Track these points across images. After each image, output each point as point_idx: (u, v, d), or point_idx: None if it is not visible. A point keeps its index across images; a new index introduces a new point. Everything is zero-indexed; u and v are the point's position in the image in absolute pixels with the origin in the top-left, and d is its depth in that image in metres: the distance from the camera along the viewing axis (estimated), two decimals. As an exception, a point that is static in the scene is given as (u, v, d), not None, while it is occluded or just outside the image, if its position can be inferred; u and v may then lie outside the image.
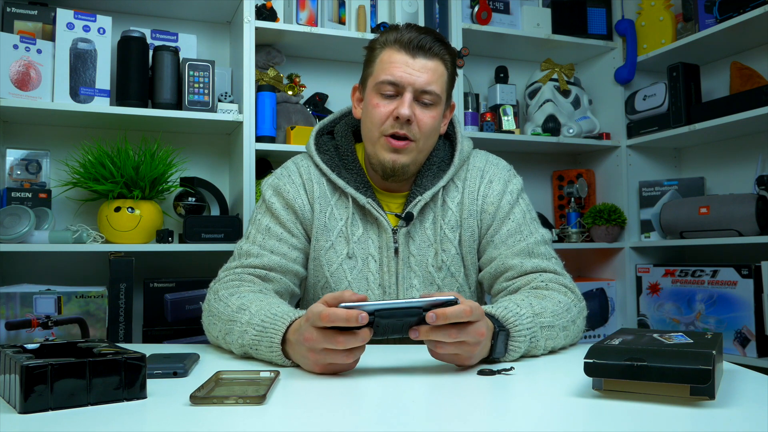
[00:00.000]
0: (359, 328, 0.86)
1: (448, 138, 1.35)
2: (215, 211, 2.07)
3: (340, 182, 1.26)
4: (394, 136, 1.20)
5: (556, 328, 1.05)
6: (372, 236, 1.26)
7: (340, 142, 1.32)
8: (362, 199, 1.25)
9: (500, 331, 0.96)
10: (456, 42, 2.23)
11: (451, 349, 0.89)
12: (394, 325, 0.88)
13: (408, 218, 1.24)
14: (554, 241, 2.41)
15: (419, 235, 1.27)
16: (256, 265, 1.21)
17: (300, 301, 1.39)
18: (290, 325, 0.96)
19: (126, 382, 0.73)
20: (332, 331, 0.86)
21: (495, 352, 0.96)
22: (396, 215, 1.28)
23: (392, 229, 1.25)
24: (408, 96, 1.19)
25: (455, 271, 1.27)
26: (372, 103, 1.22)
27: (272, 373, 0.85)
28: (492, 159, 1.35)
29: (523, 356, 1.01)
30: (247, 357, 1.04)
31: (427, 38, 1.20)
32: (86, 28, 1.85)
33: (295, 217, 1.27)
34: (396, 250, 1.25)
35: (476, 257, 1.29)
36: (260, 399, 0.72)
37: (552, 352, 1.07)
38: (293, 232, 1.26)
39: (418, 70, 1.19)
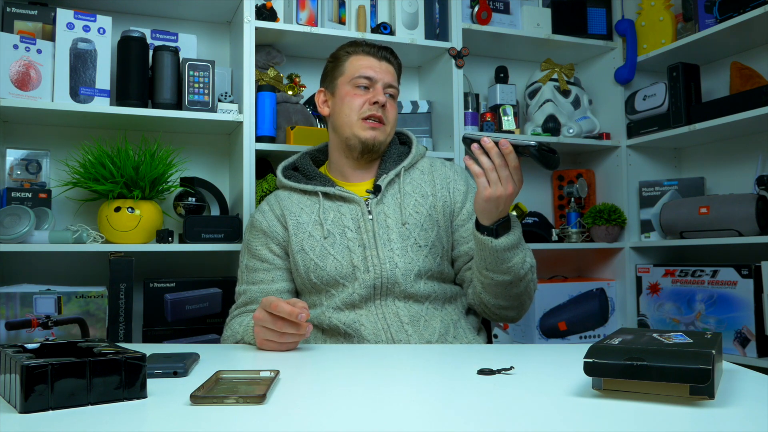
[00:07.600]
0: None
1: (404, 144, 1.57)
2: (215, 211, 2.07)
3: (308, 187, 1.45)
4: (372, 118, 1.43)
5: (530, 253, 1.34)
6: (345, 213, 1.41)
7: (302, 166, 1.53)
8: (331, 190, 1.43)
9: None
10: (456, 42, 2.23)
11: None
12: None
13: (377, 190, 1.43)
14: (554, 241, 2.45)
15: (391, 201, 1.43)
16: (245, 302, 1.42)
17: (297, 293, 1.48)
18: None
19: (126, 381, 0.73)
20: (277, 316, 1.08)
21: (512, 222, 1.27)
22: (366, 191, 1.45)
23: (365, 202, 1.41)
24: (380, 87, 1.45)
25: (428, 228, 1.41)
26: (350, 95, 1.45)
27: (272, 373, 0.85)
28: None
29: (514, 248, 1.26)
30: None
31: (385, 51, 1.49)
32: (86, 28, 1.85)
33: (266, 238, 1.44)
34: (370, 214, 1.40)
35: (449, 221, 1.46)
36: (260, 399, 0.72)
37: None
38: (266, 257, 1.43)
39: (384, 71, 1.47)
